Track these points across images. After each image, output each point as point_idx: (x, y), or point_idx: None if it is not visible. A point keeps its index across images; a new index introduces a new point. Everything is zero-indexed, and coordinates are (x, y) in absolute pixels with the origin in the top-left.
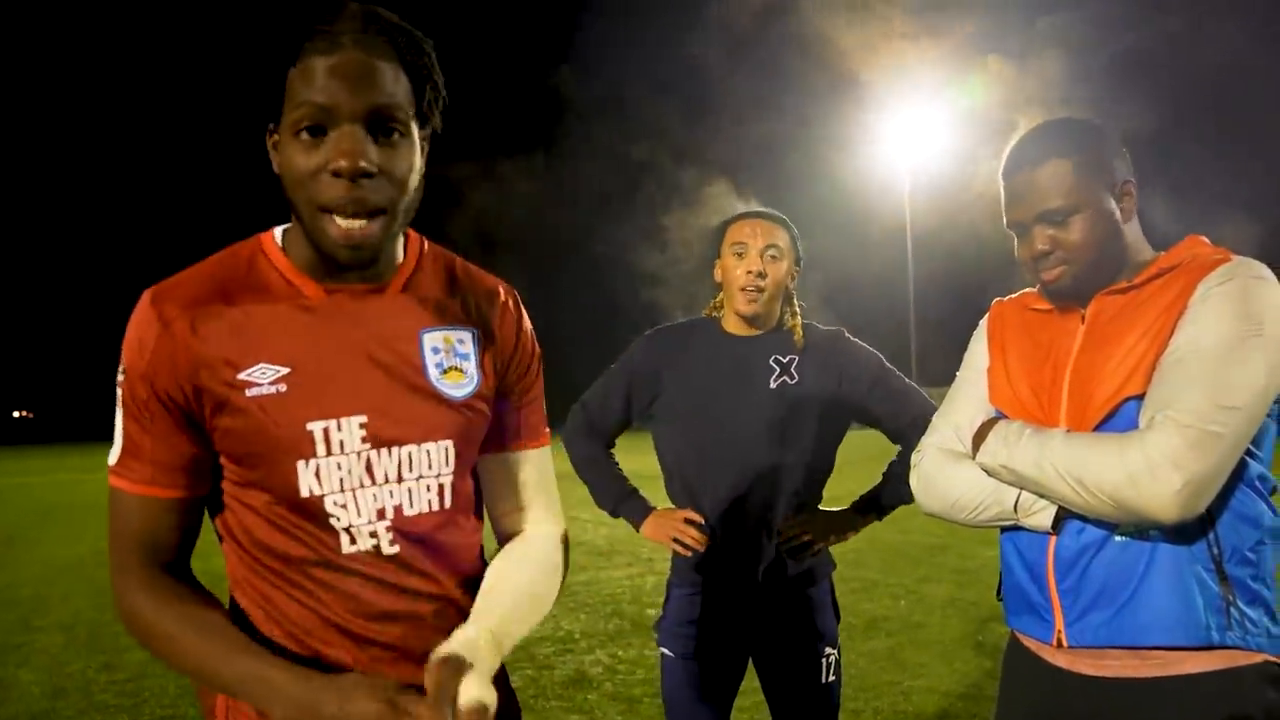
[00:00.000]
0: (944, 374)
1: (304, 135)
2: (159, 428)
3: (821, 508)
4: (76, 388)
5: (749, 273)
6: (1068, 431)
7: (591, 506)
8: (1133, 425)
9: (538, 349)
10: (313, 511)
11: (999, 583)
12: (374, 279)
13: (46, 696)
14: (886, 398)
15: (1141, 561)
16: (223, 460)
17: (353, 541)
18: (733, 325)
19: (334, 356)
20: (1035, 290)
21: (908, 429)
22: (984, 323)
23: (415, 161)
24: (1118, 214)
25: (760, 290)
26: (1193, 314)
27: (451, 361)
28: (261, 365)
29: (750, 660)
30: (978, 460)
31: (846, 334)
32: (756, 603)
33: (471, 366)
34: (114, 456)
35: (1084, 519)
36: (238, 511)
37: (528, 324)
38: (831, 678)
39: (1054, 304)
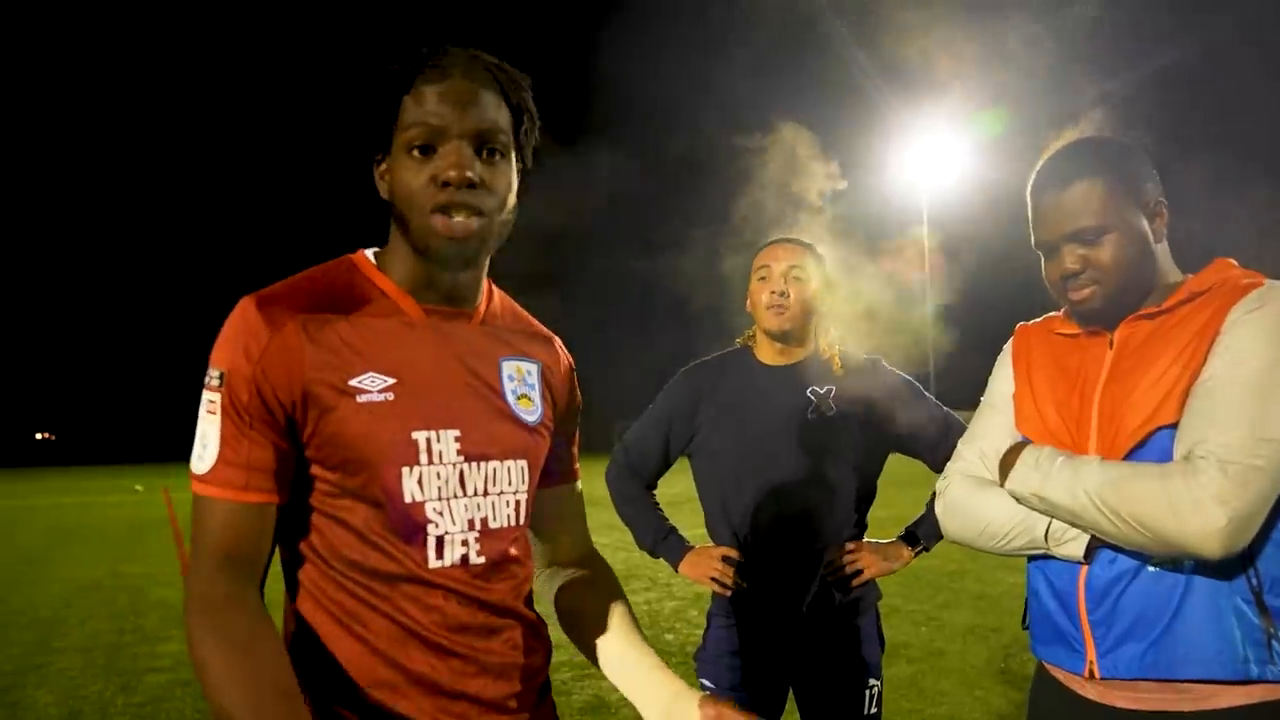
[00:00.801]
0: (965, 399)
1: (415, 153)
2: (259, 432)
3: (868, 538)
4: (98, 411)
5: (772, 292)
6: (1103, 460)
7: (610, 531)
8: (1165, 454)
9: (580, 395)
10: (411, 519)
11: (1024, 611)
12: (463, 303)
13: (63, 718)
14: (925, 428)
15: (1177, 592)
16: (315, 471)
17: (440, 555)
18: (766, 354)
19: (432, 372)
20: (1060, 315)
21: (946, 459)
22: (1008, 348)
23: (513, 182)
24: (1149, 234)
25: (784, 307)
26: (1226, 341)
27: (523, 390)
28: (371, 374)
29: (791, 691)
30: (1007, 487)
31: (883, 362)
32: (800, 634)
33: (537, 396)
34: (204, 465)
35: (1117, 548)
36: (323, 528)
37: (573, 371)
38: (874, 710)
39: (1082, 327)
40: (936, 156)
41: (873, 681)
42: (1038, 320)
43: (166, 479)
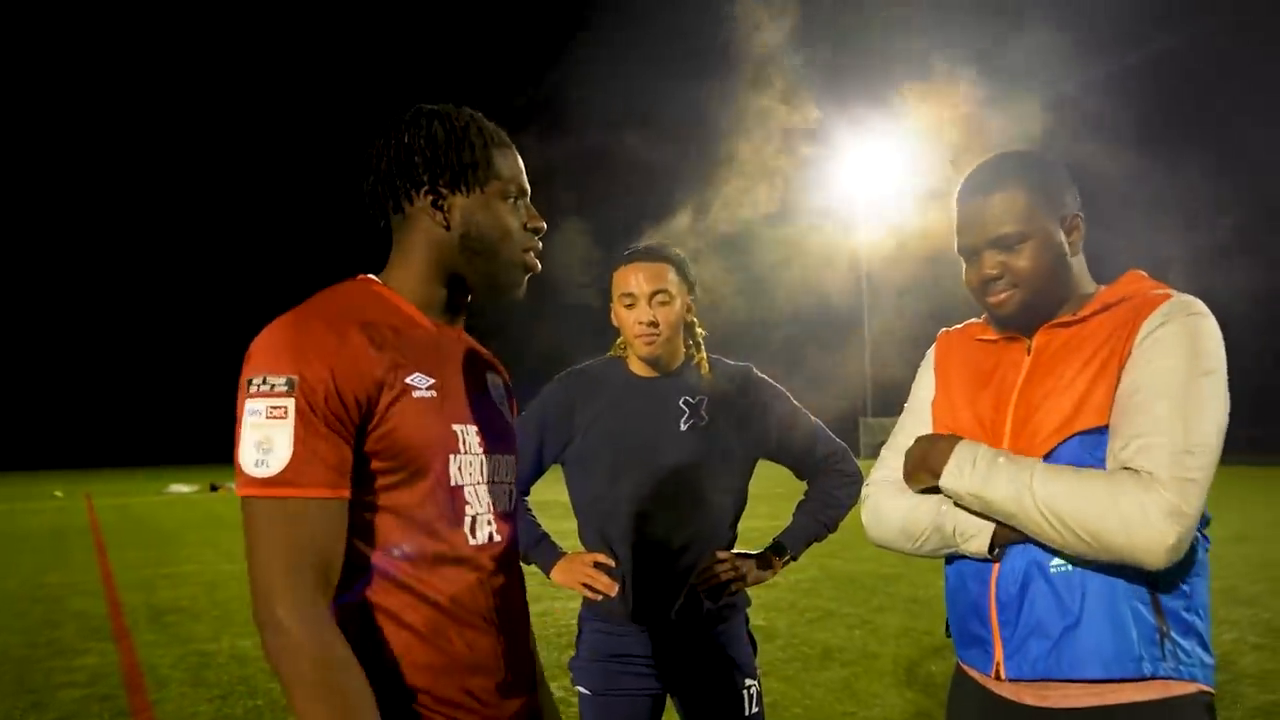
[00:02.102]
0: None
1: (514, 203)
2: (334, 431)
3: (738, 549)
4: (15, 415)
5: (639, 323)
6: (1043, 463)
7: None
8: (1078, 459)
9: None
10: (455, 500)
11: (948, 619)
12: (458, 323)
13: None
14: (795, 437)
15: (1077, 594)
16: (374, 465)
17: (474, 534)
18: (639, 366)
19: (455, 376)
20: (981, 321)
21: (815, 468)
22: (930, 353)
23: None
24: (1065, 245)
25: (654, 336)
26: (1146, 353)
27: (501, 394)
28: (417, 374)
29: (670, 698)
30: (942, 483)
31: (755, 370)
32: (670, 641)
33: (506, 403)
34: (273, 467)
35: (1027, 547)
36: (374, 520)
37: None
38: (755, 709)
39: (1000, 333)
40: (871, 164)
41: (749, 682)
42: (959, 326)
43: (89, 484)
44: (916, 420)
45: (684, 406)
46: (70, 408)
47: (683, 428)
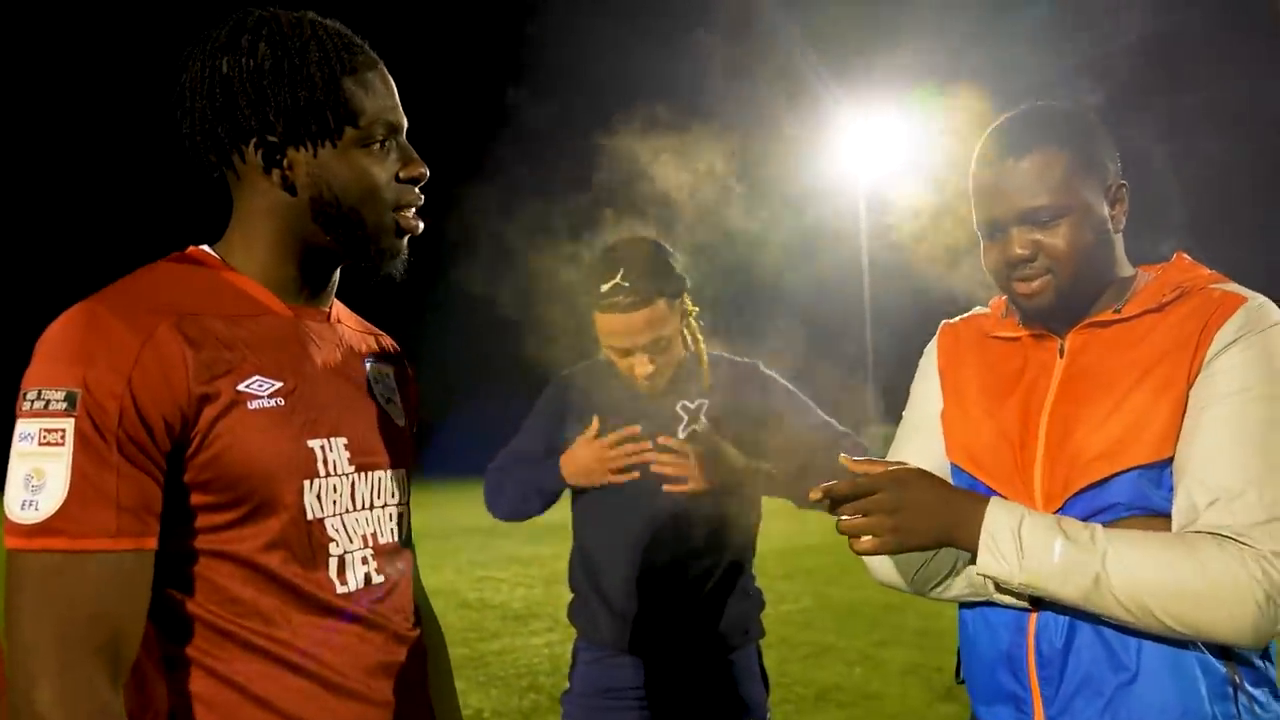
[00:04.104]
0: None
1: (377, 148)
2: (129, 461)
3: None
4: None
5: (639, 375)
6: (1105, 530)
7: (506, 564)
8: (1132, 494)
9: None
10: (313, 538)
11: (957, 664)
12: (322, 303)
13: None
14: (809, 438)
15: (1133, 642)
16: (196, 499)
17: (343, 579)
18: None
19: (314, 374)
20: (991, 312)
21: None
22: (932, 353)
23: None
24: (1109, 221)
25: (656, 379)
26: (1223, 379)
27: (388, 393)
28: (257, 378)
29: None
30: (979, 572)
31: (761, 368)
32: (672, 674)
33: (399, 400)
34: (43, 510)
35: None
36: (204, 571)
37: (417, 386)
38: None
39: (1027, 326)
40: (875, 143)
41: None
42: (965, 316)
43: None
44: (921, 438)
45: (682, 412)
46: None
47: (681, 435)
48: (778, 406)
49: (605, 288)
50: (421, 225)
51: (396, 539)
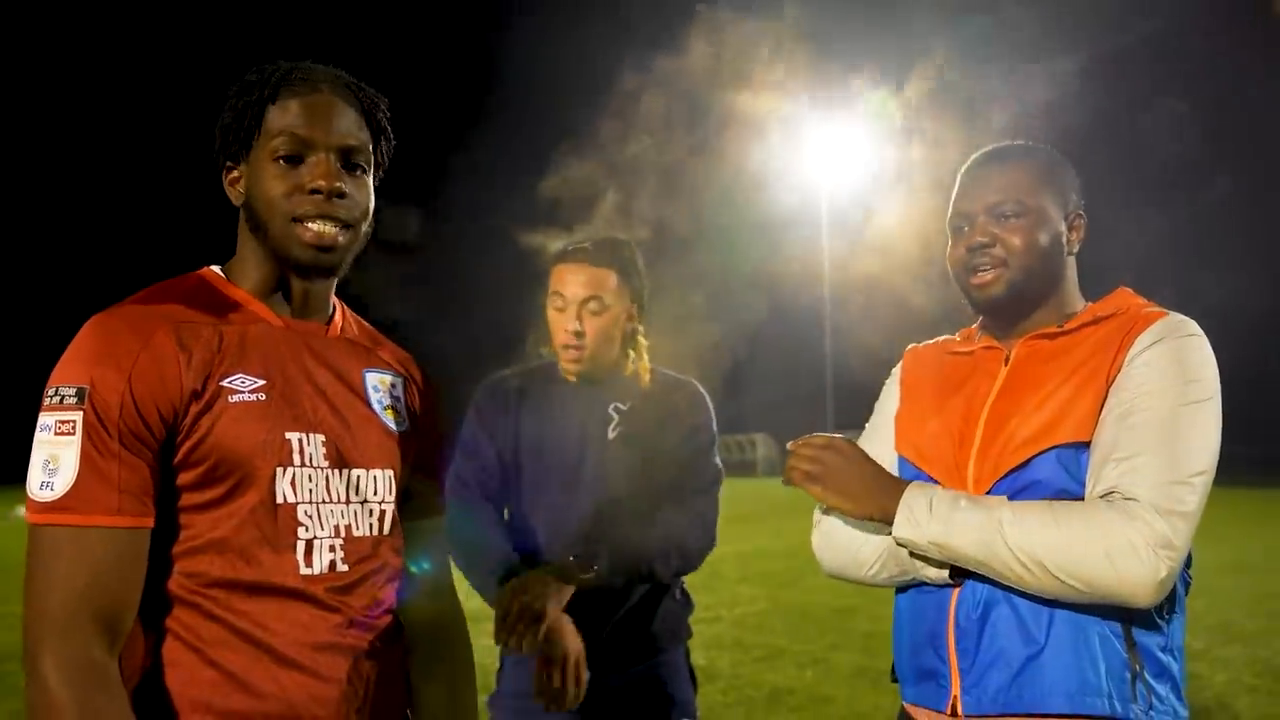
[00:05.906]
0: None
1: (281, 162)
2: (130, 449)
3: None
4: None
5: (565, 330)
6: (1008, 500)
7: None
8: (1051, 474)
9: (445, 432)
10: (282, 521)
11: (894, 663)
12: (317, 315)
13: None
14: (681, 476)
15: (1045, 619)
16: (182, 480)
17: (309, 561)
18: (570, 370)
19: (299, 377)
20: (956, 337)
21: (679, 496)
22: (897, 369)
23: (372, 197)
24: (1064, 238)
25: (580, 349)
26: (1137, 373)
27: (389, 401)
28: (240, 375)
29: None
30: (896, 535)
31: (695, 386)
32: (600, 674)
33: (403, 408)
34: (55, 490)
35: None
36: (185, 546)
37: (438, 397)
38: None
39: (981, 339)
40: (838, 150)
41: None
42: (930, 342)
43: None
44: (878, 437)
45: (613, 413)
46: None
47: (611, 435)
48: (685, 425)
49: (568, 246)
50: (329, 236)
51: (377, 534)
